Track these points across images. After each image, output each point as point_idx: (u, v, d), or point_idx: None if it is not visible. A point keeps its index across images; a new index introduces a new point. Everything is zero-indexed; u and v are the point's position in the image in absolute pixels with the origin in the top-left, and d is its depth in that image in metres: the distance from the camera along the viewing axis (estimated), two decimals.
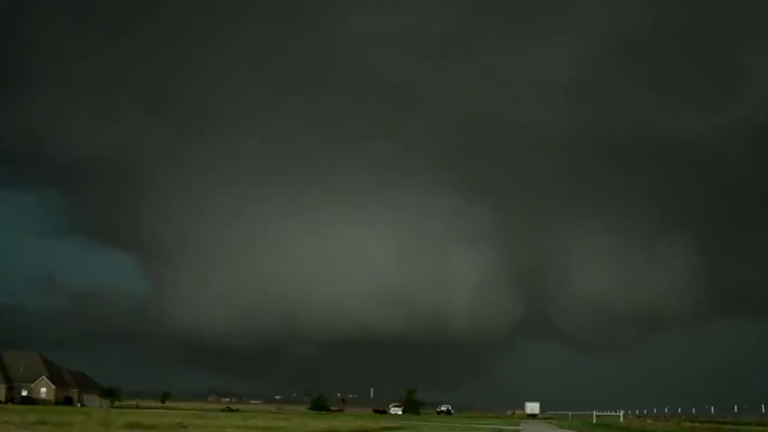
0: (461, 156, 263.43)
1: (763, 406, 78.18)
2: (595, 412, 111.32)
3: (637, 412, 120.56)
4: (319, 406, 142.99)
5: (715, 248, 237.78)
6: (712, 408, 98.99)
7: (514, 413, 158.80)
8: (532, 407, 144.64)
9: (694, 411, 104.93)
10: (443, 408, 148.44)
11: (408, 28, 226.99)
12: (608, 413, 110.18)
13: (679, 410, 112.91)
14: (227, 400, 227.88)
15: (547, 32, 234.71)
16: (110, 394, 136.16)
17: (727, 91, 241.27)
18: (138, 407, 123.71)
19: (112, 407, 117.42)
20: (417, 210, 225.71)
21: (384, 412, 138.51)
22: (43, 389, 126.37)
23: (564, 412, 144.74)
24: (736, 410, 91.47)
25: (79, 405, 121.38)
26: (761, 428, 61.82)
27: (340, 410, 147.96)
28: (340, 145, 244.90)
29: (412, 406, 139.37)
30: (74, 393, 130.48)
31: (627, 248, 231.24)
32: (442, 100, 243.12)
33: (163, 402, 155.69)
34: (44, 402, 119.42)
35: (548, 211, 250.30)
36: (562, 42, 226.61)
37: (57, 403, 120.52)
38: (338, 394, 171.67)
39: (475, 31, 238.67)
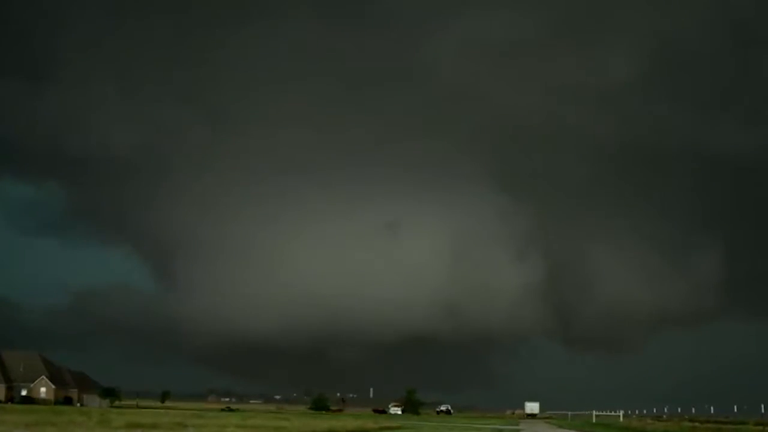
0: (508, 158, 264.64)
1: (762, 406, 78.13)
2: (594, 412, 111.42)
3: (637, 412, 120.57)
4: (319, 406, 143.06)
5: (732, 253, 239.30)
6: (712, 408, 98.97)
7: (513, 413, 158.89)
8: (532, 407, 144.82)
9: (694, 411, 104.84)
10: (443, 408, 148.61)
11: (482, 34, 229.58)
12: (608, 413, 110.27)
13: (679, 410, 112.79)
14: (227, 399, 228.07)
15: (608, 39, 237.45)
16: (110, 394, 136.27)
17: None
18: (138, 407, 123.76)
19: (111, 407, 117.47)
20: (459, 209, 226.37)
21: (384, 412, 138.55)
22: (43, 389, 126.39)
23: (564, 412, 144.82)
24: (735, 410, 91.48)
25: (78, 405, 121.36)
26: (760, 428, 61.87)
27: (340, 410, 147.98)
28: (386, 144, 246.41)
29: (411, 406, 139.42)
30: (74, 393, 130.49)
31: (642, 252, 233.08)
32: (500, 103, 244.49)
33: (163, 402, 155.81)
34: (44, 402, 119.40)
35: (578, 214, 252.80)
36: (619, 48, 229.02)
37: (57, 403, 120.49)
38: (338, 394, 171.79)
39: (544, 39, 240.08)
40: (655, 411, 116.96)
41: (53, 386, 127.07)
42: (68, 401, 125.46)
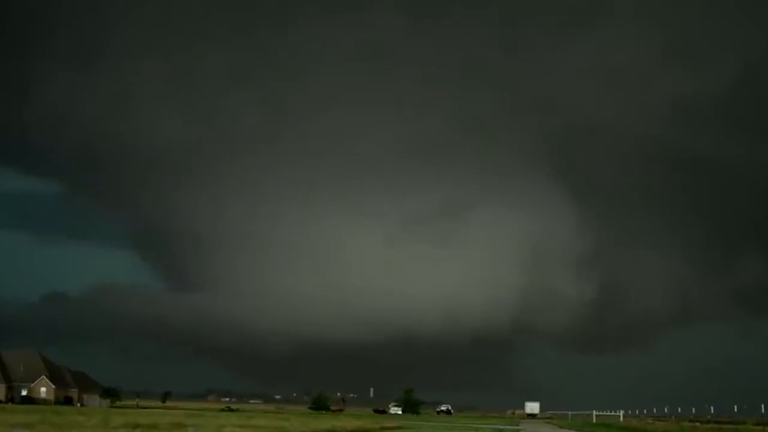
0: (579, 167, 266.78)
1: (762, 406, 78.18)
2: (595, 412, 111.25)
3: (637, 412, 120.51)
4: (320, 405, 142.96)
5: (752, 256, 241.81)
6: (712, 408, 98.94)
7: (514, 413, 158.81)
8: (532, 407, 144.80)
9: (694, 411, 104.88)
10: (443, 408, 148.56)
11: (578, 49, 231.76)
12: (608, 413, 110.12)
13: (679, 410, 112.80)
14: (227, 399, 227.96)
15: (695, 57, 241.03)
16: (110, 394, 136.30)
17: None
18: (138, 407, 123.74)
19: (112, 407, 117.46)
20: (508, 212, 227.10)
21: (384, 412, 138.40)
22: (43, 389, 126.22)
23: (564, 412, 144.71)
24: (736, 410, 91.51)
25: (79, 405, 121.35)
26: (760, 428, 61.81)
27: (340, 410, 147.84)
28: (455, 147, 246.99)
29: (411, 406, 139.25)
30: (74, 393, 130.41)
31: (659, 259, 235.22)
32: (579, 112, 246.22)
33: (164, 402, 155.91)
34: (44, 402, 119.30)
35: (632, 222, 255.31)
36: (708, 65, 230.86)
37: (57, 402, 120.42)
38: (338, 394, 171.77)
39: (631, 57, 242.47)
40: (655, 411, 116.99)
41: (53, 386, 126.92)
42: (68, 401, 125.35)
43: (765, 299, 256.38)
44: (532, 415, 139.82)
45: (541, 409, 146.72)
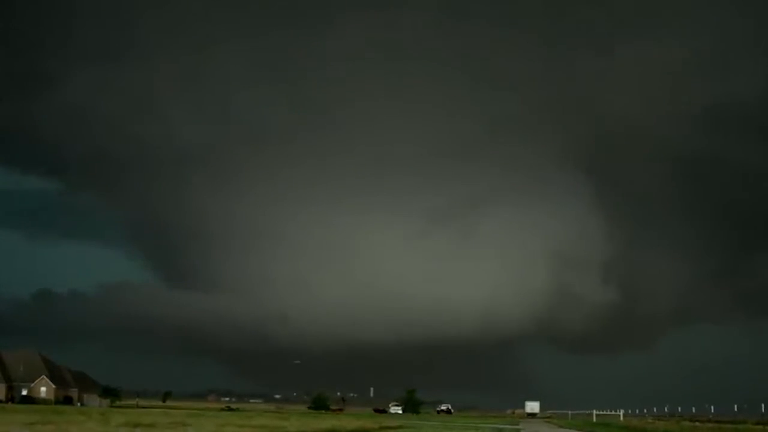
0: (605, 170, 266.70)
1: (763, 405, 78.28)
2: (595, 412, 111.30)
3: (637, 411, 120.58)
4: (319, 405, 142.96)
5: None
6: (712, 407, 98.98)
7: (513, 413, 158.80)
8: (532, 407, 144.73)
9: (694, 410, 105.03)
10: (443, 407, 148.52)
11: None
12: (608, 412, 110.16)
13: (679, 410, 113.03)
14: (227, 399, 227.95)
15: (722, 62, 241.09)
16: (110, 393, 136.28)
17: None
18: (138, 407, 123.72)
19: (112, 407, 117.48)
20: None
21: (384, 411, 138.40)
22: (43, 389, 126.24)
23: (564, 412, 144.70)
24: (736, 410, 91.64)
25: (79, 405, 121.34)
26: (760, 427, 61.81)
27: (340, 410, 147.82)
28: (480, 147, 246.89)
29: (411, 406, 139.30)
30: (74, 393, 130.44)
31: (661, 260, 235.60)
32: (609, 112, 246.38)
33: (164, 401, 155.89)
34: (44, 401, 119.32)
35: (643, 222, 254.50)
36: (735, 72, 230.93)
37: (57, 402, 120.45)
38: (338, 394, 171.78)
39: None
40: (655, 410, 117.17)
41: (53, 386, 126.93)
42: (68, 401, 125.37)
43: (765, 300, 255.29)
44: (532, 415, 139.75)
45: (541, 408, 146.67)
